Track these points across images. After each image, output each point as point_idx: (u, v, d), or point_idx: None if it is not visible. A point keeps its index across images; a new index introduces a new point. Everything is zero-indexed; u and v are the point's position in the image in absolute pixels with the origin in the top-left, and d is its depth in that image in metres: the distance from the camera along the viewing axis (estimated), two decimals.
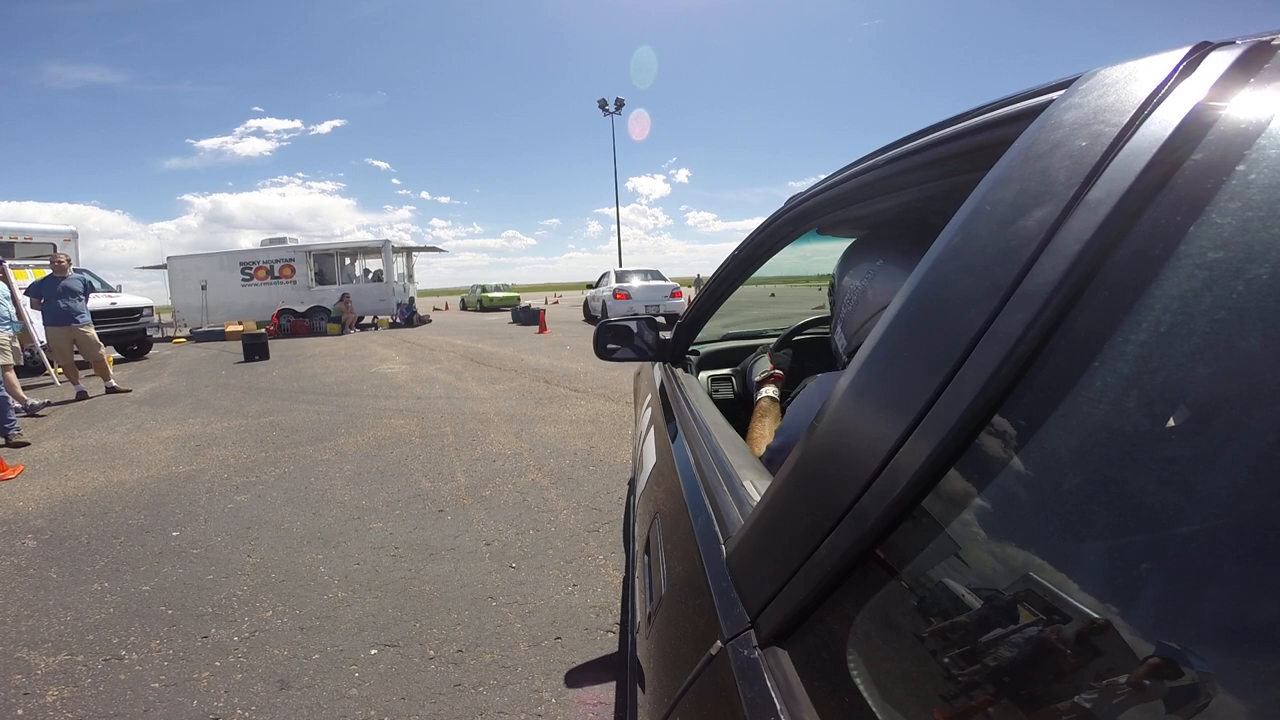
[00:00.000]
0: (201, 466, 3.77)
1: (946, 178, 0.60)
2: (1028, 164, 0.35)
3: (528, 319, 14.48)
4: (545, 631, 1.86)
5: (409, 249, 18.26)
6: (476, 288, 26.93)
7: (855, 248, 0.99)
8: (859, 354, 0.41)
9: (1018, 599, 0.27)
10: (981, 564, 0.29)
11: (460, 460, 3.65)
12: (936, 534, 0.31)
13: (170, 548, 2.57)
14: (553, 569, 2.24)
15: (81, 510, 3.08)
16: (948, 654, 0.30)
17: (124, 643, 1.89)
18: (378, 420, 4.82)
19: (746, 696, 0.38)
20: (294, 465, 3.71)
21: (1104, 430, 0.26)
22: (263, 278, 16.16)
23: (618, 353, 1.57)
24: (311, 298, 15.80)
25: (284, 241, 16.93)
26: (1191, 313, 0.25)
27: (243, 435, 4.53)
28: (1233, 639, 0.21)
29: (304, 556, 2.44)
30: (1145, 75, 0.33)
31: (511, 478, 3.30)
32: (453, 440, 4.12)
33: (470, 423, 4.59)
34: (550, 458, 3.62)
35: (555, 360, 7.77)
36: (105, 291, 9.72)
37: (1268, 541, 0.21)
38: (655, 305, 12.64)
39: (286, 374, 7.72)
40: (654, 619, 0.67)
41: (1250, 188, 0.25)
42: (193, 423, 5.04)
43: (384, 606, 2.04)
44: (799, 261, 1.78)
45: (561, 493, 3.03)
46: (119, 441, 4.49)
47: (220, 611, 2.05)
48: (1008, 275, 0.31)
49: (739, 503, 0.60)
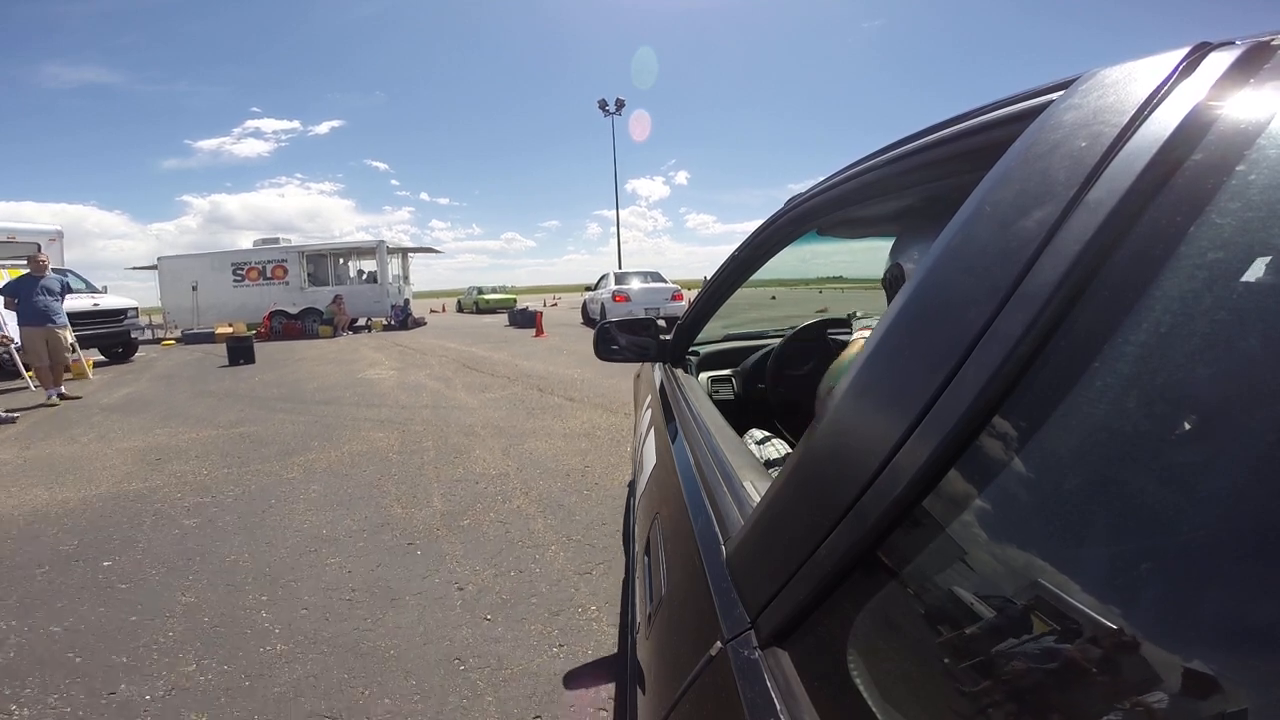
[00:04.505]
0: (156, 484, 3.49)
1: (946, 178, 0.60)
2: (1028, 164, 0.35)
3: (524, 322, 14.21)
4: (522, 708, 1.54)
5: (404, 250, 17.91)
6: (473, 289, 26.44)
7: (907, 234, 0.98)
8: (859, 353, 0.41)
9: (1018, 599, 0.27)
10: (982, 564, 0.29)
11: (439, 481, 3.35)
12: (937, 534, 0.31)
13: (96, 581, 2.29)
14: (535, 623, 1.92)
15: (11, 533, 2.80)
16: (948, 654, 0.30)
17: (16, 696, 1.64)
18: (355, 432, 4.53)
19: (746, 697, 0.38)
20: (256, 484, 3.42)
21: (1104, 431, 0.26)
22: (255, 279, 15.84)
23: (618, 353, 1.57)
24: (304, 299, 15.43)
25: (277, 242, 16.59)
26: (1191, 313, 0.25)
27: (209, 448, 4.24)
28: (1233, 639, 0.21)
29: (246, 597, 2.15)
30: (1145, 75, 0.33)
31: (494, 504, 2.97)
32: (433, 457, 3.82)
33: (455, 436, 4.28)
34: (540, 479, 3.31)
35: (551, 366, 7.46)
36: (89, 292, 9.47)
37: (1268, 541, 0.21)
38: (655, 308, 12.23)
39: (269, 379, 7.45)
40: (654, 620, 0.67)
41: (1250, 188, 0.25)
42: (160, 433, 4.77)
43: (329, 665, 1.74)
44: (798, 263, 1.78)
45: (550, 523, 2.71)
46: (77, 453, 4.21)
47: (136, 662, 1.78)
48: (1008, 275, 0.31)
49: (739, 503, 0.60)
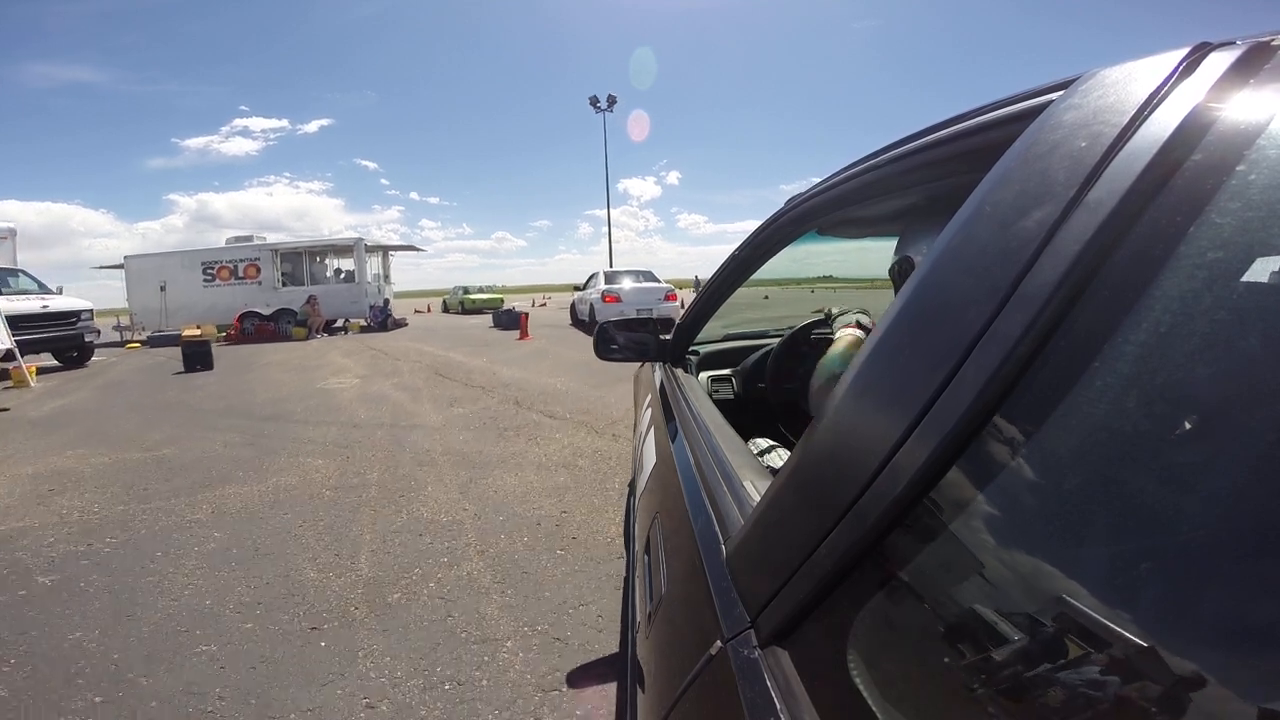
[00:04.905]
0: (32, 523, 2.86)
1: (946, 178, 0.60)
2: (1027, 164, 0.35)
3: (509, 323, 13.43)
4: None
5: (384, 248, 17.14)
6: (458, 289, 25.11)
7: (915, 227, 0.98)
8: (859, 354, 0.41)
9: (1017, 599, 0.27)
10: (981, 564, 0.29)
11: (373, 532, 2.63)
12: (936, 534, 0.31)
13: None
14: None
15: None
16: (947, 654, 0.30)
17: None
18: (292, 458, 3.83)
19: (746, 697, 0.38)
20: (149, 527, 2.77)
21: (1104, 430, 0.26)
22: (226, 278, 15.07)
23: (618, 353, 1.57)
24: (278, 299, 14.62)
25: (250, 240, 15.80)
26: (1191, 313, 0.25)
27: (115, 476, 3.62)
28: (1233, 639, 0.21)
29: (70, 700, 1.59)
30: (1145, 76, 0.33)
31: (438, 568, 2.26)
32: (374, 495, 3.10)
33: (407, 466, 3.57)
34: (502, 531, 2.55)
35: (532, 374, 6.78)
36: (41, 293, 9.06)
37: (1268, 541, 0.21)
38: (648, 309, 11.42)
39: (221, 389, 6.78)
40: (654, 619, 0.67)
41: (1250, 188, 0.25)
42: (70, 455, 4.13)
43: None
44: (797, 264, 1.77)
45: (509, 601, 2.00)
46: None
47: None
48: (1008, 275, 0.31)
49: (739, 503, 0.60)
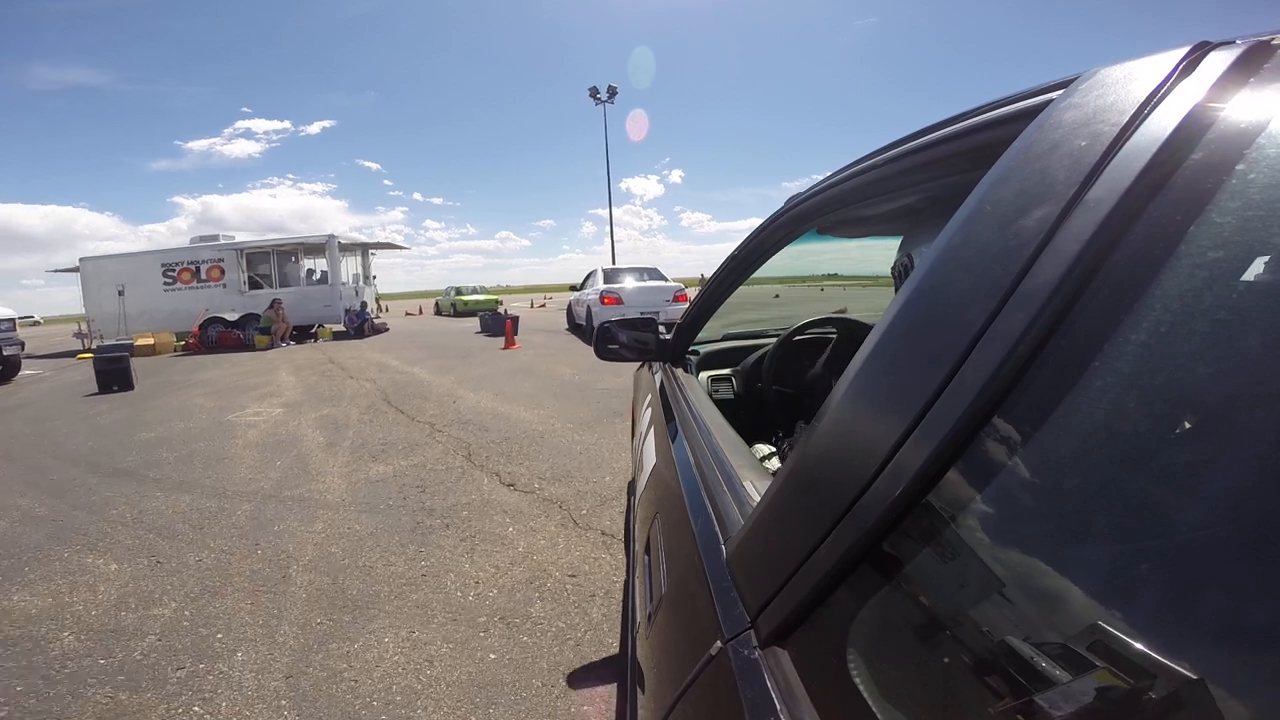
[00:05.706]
0: None
1: (946, 178, 0.60)
2: (1027, 164, 0.35)
3: (497, 328, 11.74)
4: None
5: (363, 246, 15.37)
6: (451, 290, 23.61)
7: (919, 226, 0.98)
8: (859, 354, 0.41)
9: (1017, 599, 0.27)
10: (981, 564, 0.29)
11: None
12: (936, 535, 0.31)
13: None
14: None
15: None
16: (947, 654, 0.30)
17: None
18: (78, 554, 2.48)
19: (746, 697, 0.38)
20: None
21: (1104, 430, 0.26)
22: (188, 281, 13.51)
23: (618, 352, 1.57)
24: (244, 304, 13.11)
25: (216, 239, 14.22)
26: (1191, 313, 0.25)
27: None
28: (1233, 639, 0.21)
29: None
30: (1145, 75, 0.33)
31: None
32: (134, 663, 1.71)
33: (235, 594, 2.09)
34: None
35: (505, 401, 5.19)
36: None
37: (1268, 541, 0.21)
38: (654, 311, 9.18)
39: (109, 420, 5.38)
40: (654, 619, 0.67)
41: (1250, 188, 0.25)
42: None
43: None
44: (798, 262, 1.78)
45: None
46: None
47: None
48: (1008, 275, 0.31)
49: (739, 503, 0.60)
